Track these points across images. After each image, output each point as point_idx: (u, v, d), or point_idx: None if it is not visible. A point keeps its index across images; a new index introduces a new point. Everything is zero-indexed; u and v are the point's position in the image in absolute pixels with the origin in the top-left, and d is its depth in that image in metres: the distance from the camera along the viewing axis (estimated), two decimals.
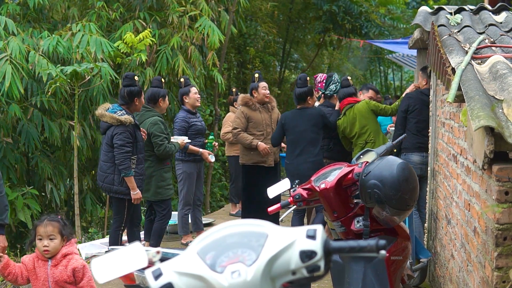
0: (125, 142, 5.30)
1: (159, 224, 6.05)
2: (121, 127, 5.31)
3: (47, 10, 8.69)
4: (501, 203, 2.57)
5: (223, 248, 1.42)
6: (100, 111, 5.43)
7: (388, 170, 2.92)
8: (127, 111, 5.43)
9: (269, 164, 6.51)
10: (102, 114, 5.38)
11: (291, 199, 3.39)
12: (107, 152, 5.38)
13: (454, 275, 3.89)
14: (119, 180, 5.36)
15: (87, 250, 6.29)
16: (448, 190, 4.24)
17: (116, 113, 5.34)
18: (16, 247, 7.75)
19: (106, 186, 5.42)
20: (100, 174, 5.45)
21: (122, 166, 5.30)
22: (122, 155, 5.29)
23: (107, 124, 5.37)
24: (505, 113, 2.63)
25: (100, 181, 5.47)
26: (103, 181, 5.42)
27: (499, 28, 4.18)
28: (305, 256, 1.40)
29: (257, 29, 14.86)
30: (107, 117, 5.34)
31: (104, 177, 5.41)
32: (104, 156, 5.41)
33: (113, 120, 5.31)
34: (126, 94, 5.44)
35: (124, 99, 5.47)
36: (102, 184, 5.46)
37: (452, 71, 3.42)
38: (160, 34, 8.64)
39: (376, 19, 14.94)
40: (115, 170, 5.36)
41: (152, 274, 1.41)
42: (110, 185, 5.39)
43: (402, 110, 6.04)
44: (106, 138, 5.38)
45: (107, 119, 5.34)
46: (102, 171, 5.43)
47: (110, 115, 5.33)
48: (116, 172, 5.36)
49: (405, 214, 3.00)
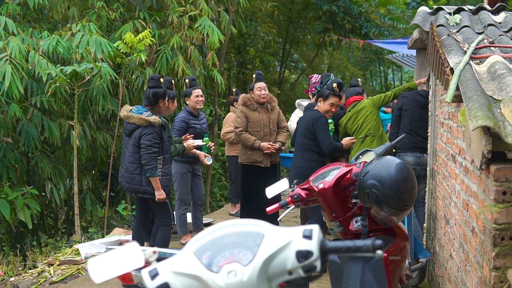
0: (152, 142, 5.28)
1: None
2: (149, 128, 5.28)
3: (47, 10, 8.70)
4: (499, 203, 2.57)
5: (219, 248, 1.43)
6: (125, 113, 5.38)
7: (387, 170, 2.92)
8: (152, 112, 5.40)
9: (265, 164, 6.51)
10: (128, 115, 5.33)
11: (290, 199, 3.39)
12: (134, 153, 5.34)
13: (452, 275, 3.89)
14: (147, 180, 5.34)
15: (87, 250, 6.29)
16: (447, 190, 4.25)
17: (143, 114, 5.31)
18: (16, 247, 7.76)
19: (134, 187, 5.38)
20: (126, 175, 5.39)
21: (149, 166, 5.27)
22: (149, 155, 5.27)
23: (134, 125, 5.32)
24: (503, 113, 2.63)
25: (126, 183, 5.41)
26: (130, 183, 5.37)
27: (498, 28, 4.18)
28: (301, 256, 1.41)
29: (257, 29, 14.87)
30: (134, 118, 5.30)
31: (131, 179, 5.36)
32: (130, 157, 5.36)
33: (141, 121, 5.27)
34: (151, 96, 5.40)
35: (148, 100, 5.42)
36: (128, 186, 5.40)
37: (451, 71, 3.42)
38: (160, 34, 8.65)
39: (376, 19, 14.94)
40: (142, 171, 5.33)
41: (148, 274, 1.41)
42: (138, 186, 5.36)
43: (397, 108, 6.14)
44: (133, 139, 5.32)
45: (135, 120, 5.30)
46: (128, 172, 5.38)
47: (138, 116, 5.28)
48: (143, 173, 5.33)
49: (404, 214, 3.00)
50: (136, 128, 5.32)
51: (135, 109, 5.40)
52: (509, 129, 2.44)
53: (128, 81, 8.16)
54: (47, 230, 8.42)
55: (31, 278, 5.84)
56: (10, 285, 5.77)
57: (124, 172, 5.44)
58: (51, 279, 5.72)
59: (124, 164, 5.46)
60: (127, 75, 8.07)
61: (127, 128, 5.41)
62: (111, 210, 8.91)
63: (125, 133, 5.49)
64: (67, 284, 5.56)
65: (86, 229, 8.36)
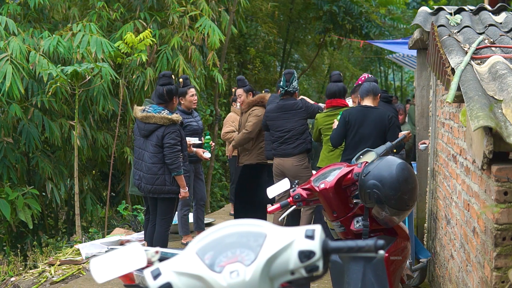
0: (176, 141, 5.24)
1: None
2: (172, 127, 5.22)
3: (48, 10, 8.70)
4: (500, 203, 2.57)
5: (221, 248, 1.43)
6: (143, 114, 5.27)
7: (388, 170, 2.92)
8: (169, 110, 5.33)
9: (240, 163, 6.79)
10: (148, 116, 5.23)
11: (291, 199, 3.39)
12: (156, 154, 5.25)
13: (453, 275, 3.89)
14: (171, 179, 5.29)
15: (87, 250, 6.29)
16: (448, 190, 4.25)
17: (162, 113, 5.24)
18: (17, 247, 7.76)
19: (157, 188, 5.29)
20: (149, 177, 5.29)
21: (174, 165, 5.22)
22: (174, 154, 5.22)
23: (155, 125, 5.23)
24: (504, 113, 2.63)
25: (148, 184, 5.30)
26: (154, 184, 5.28)
27: (498, 28, 4.18)
28: (303, 256, 1.41)
29: (257, 29, 14.87)
30: (156, 118, 5.20)
31: (155, 179, 5.28)
32: (153, 157, 5.26)
33: (164, 120, 5.19)
34: (166, 93, 5.33)
35: (163, 98, 5.34)
36: (151, 187, 5.30)
37: (452, 71, 3.42)
38: (161, 34, 8.65)
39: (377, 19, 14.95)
40: (165, 171, 5.27)
41: (151, 274, 1.41)
42: (162, 186, 5.28)
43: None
44: (155, 139, 5.23)
45: (156, 120, 5.20)
46: (151, 173, 5.28)
47: (160, 115, 5.20)
48: (167, 172, 5.27)
49: (405, 214, 3.01)
50: (157, 128, 5.23)
51: (151, 109, 5.31)
52: (510, 129, 2.44)
53: (129, 81, 8.16)
54: (47, 230, 8.43)
55: (31, 278, 5.84)
56: (11, 285, 5.77)
57: (145, 173, 5.31)
58: (52, 279, 5.72)
59: (144, 166, 5.33)
60: (127, 75, 8.07)
61: (146, 128, 5.28)
62: (111, 210, 8.91)
63: (142, 134, 5.34)
64: (67, 284, 5.56)
65: (86, 229, 8.37)
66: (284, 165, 6.11)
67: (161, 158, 5.26)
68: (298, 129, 6.09)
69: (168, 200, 5.41)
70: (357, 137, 5.36)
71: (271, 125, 6.18)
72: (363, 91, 5.55)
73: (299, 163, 6.11)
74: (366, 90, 5.54)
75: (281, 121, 6.10)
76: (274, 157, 6.24)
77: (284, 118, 6.10)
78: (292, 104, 6.10)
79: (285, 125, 6.09)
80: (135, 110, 5.44)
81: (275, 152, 6.20)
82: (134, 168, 5.55)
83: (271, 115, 6.17)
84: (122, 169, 8.87)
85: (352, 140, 5.39)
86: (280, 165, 6.16)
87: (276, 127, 6.13)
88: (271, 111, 6.18)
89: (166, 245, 5.59)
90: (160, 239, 5.45)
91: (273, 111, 6.16)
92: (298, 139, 6.10)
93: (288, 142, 6.09)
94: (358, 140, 5.34)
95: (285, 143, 6.10)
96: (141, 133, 5.36)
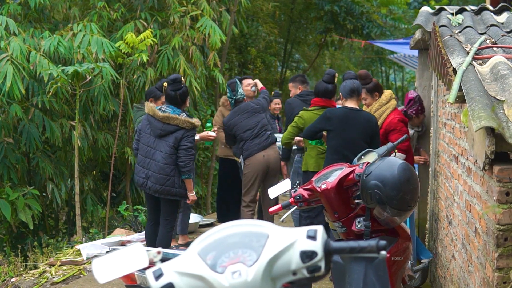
0: (192, 145, 5.30)
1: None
2: (192, 130, 5.28)
3: (48, 10, 8.70)
4: (502, 204, 2.57)
5: (223, 248, 1.43)
6: (164, 114, 5.25)
7: (389, 170, 2.92)
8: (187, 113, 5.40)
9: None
10: (170, 117, 5.22)
11: (292, 199, 3.39)
12: (171, 155, 5.25)
13: (455, 275, 3.88)
14: (179, 182, 5.31)
15: (88, 250, 6.29)
16: (449, 190, 4.24)
17: (181, 116, 5.25)
18: (17, 247, 7.76)
19: (166, 188, 5.29)
20: (160, 177, 5.28)
21: (187, 168, 5.25)
22: (189, 157, 5.25)
23: (175, 127, 5.24)
24: (506, 113, 2.63)
25: (158, 185, 5.29)
26: (164, 184, 5.28)
27: (500, 28, 4.18)
28: (305, 256, 1.41)
29: (258, 30, 14.86)
30: (179, 120, 5.21)
31: (165, 180, 5.28)
32: (168, 158, 5.25)
33: (187, 124, 5.22)
34: (180, 97, 5.35)
35: (176, 102, 5.35)
36: (160, 188, 5.29)
37: (453, 71, 3.42)
38: (161, 34, 8.64)
39: (378, 19, 14.94)
40: (176, 173, 5.28)
41: (153, 274, 1.41)
42: (171, 187, 5.29)
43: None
44: (173, 140, 5.23)
45: (178, 122, 5.21)
46: (164, 173, 5.27)
47: (184, 119, 5.21)
48: (177, 175, 5.28)
49: (406, 215, 3.01)
50: (177, 130, 5.24)
51: (169, 109, 5.30)
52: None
53: (130, 82, 8.15)
54: (48, 231, 8.42)
55: (32, 278, 5.83)
56: (11, 285, 5.77)
57: (157, 174, 5.29)
58: (53, 279, 5.72)
59: (156, 165, 5.30)
60: (128, 75, 8.07)
61: (164, 128, 5.26)
62: (112, 210, 8.90)
63: (157, 133, 5.30)
64: (68, 285, 5.56)
65: (87, 229, 8.36)
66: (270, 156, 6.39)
67: (175, 159, 5.27)
68: (262, 122, 6.45)
69: (172, 201, 5.43)
70: (341, 140, 5.02)
71: (236, 130, 6.40)
72: (347, 90, 5.12)
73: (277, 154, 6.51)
74: (349, 89, 5.11)
75: (245, 121, 6.39)
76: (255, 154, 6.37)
77: (245, 117, 6.41)
78: (245, 105, 6.48)
79: (250, 122, 6.38)
80: (151, 108, 5.37)
81: (252, 150, 6.38)
82: (139, 166, 5.47)
83: (231, 122, 6.43)
84: (123, 170, 8.86)
85: (336, 143, 5.05)
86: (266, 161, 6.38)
87: (241, 129, 6.38)
88: (230, 119, 6.46)
89: (169, 245, 5.59)
90: (163, 239, 5.45)
91: (231, 117, 6.45)
92: (267, 131, 6.46)
93: (260, 135, 6.38)
94: (342, 144, 5.01)
95: (257, 136, 6.36)
96: (155, 132, 5.31)
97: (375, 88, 5.61)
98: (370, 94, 5.60)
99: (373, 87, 5.60)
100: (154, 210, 5.56)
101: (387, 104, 5.50)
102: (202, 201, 10.53)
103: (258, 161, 6.37)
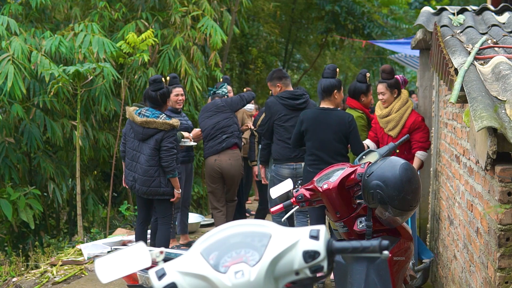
0: (174, 145, 5.35)
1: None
2: (171, 131, 5.33)
3: (50, 10, 8.71)
4: (504, 204, 2.57)
5: (226, 248, 1.43)
6: (142, 119, 5.30)
7: (391, 170, 2.92)
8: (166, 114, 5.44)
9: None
10: (149, 121, 5.28)
11: (294, 199, 3.39)
12: (153, 157, 5.33)
13: (456, 275, 3.88)
14: (165, 181, 5.38)
15: (89, 250, 6.29)
16: (451, 190, 4.24)
17: (160, 118, 5.31)
18: (18, 247, 7.77)
19: (153, 189, 5.38)
20: (146, 179, 5.37)
21: (170, 168, 5.32)
22: (171, 157, 5.31)
23: (154, 130, 5.30)
24: (508, 114, 2.63)
25: (145, 187, 5.38)
26: (150, 186, 5.37)
27: (502, 28, 4.18)
28: (308, 256, 1.41)
29: (259, 30, 14.87)
30: (157, 123, 5.27)
31: (151, 181, 5.36)
32: (151, 160, 5.33)
33: (165, 126, 5.28)
34: (160, 98, 5.42)
35: (157, 102, 5.43)
36: (147, 189, 5.38)
37: (455, 71, 3.42)
38: (163, 34, 8.65)
39: (379, 19, 14.94)
40: (160, 173, 5.36)
41: (155, 274, 1.41)
42: (157, 188, 5.37)
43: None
44: (154, 142, 5.29)
45: (157, 125, 5.28)
46: (148, 175, 5.35)
47: (161, 121, 5.27)
48: (162, 175, 5.36)
49: (408, 215, 3.00)
50: (156, 132, 5.31)
51: (148, 112, 5.37)
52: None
53: (131, 81, 8.16)
54: (49, 231, 8.43)
55: (33, 278, 5.83)
56: (13, 285, 5.77)
57: (142, 176, 5.38)
58: (54, 279, 5.72)
59: (141, 168, 5.39)
60: (129, 75, 8.07)
61: (144, 132, 5.33)
62: (113, 210, 8.91)
63: (139, 138, 5.38)
64: (70, 285, 5.56)
65: (88, 229, 8.37)
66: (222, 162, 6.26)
67: (157, 160, 5.35)
68: (222, 123, 6.27)
69: (163, 200, 5.51)
70: (317, 142, 4.97)
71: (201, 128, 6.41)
72: (318, 92, 5.13)
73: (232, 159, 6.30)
74: (320, 91, 5.10)
75: (205, 120, 6.36)
76: (207, 158, 6.34)
77: (206, 116, 6.35)
78: (212, 103, 6.44)
79: (209, 122, 6.30)
80: (130, 113, 5.46)
81: (206, 152, 6.39)
82: (127, 169, 5.59)
83: (199, 120, 6.47)
84: None
85: (310, 145, 5.01)
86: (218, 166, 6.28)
87: (202, 128, 6.38)
88: (199, 117, 6.50)
89: (169, 243, 5.64)
90: (163, 237, 5.54)
91: (199, 115, 6.51)
92: (225, 133, 6.26)
93: (215, 137, 6.26)
94: (315, 145, 4.97)
95: (212, 139, 6.28)
96: (137, 136, 5.41)
97: (395, 85, 5.62)
98: (390, 89, 5.59)
99: (394, 83, 5.61)
100: (143, 209, 5.66)
101: (407, 104, 5.54)
102: (203, 201, 10.52)
103: (210, 165, 6.32)
